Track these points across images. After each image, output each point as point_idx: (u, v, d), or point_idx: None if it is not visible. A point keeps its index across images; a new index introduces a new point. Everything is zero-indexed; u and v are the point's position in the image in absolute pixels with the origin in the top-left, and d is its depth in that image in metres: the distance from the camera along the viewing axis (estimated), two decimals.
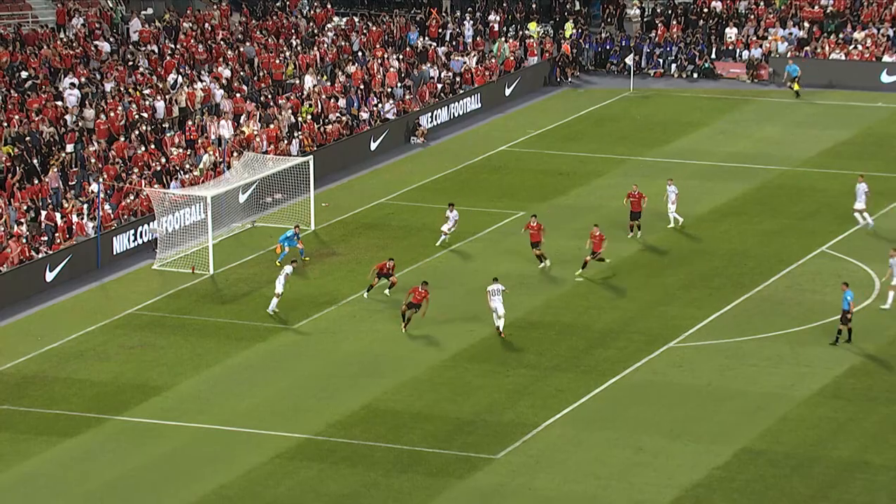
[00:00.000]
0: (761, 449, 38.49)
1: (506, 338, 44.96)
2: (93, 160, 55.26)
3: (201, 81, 62.59)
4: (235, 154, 57.21)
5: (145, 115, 59.10)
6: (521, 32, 76.09)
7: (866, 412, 40.56)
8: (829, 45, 73.59)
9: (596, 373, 43.07)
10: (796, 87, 70.21)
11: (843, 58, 72.79)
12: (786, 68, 70.91)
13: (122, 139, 57.03)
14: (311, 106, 63.28)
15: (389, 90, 66.73)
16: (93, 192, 52.63)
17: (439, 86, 68.57)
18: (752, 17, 76.25)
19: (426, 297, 45.50)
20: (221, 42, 67.05)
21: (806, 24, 75.03)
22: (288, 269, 47.26)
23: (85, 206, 52.54)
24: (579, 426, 40.03)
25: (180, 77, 62.34)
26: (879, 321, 45.64)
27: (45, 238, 50.90)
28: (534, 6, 78.39)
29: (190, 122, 59.67)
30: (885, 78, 71.44)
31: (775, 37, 74.68)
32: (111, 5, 68.21)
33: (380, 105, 65.26)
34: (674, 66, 75.04)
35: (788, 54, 73.81)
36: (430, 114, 66.51)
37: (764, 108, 69.30)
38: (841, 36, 74.27)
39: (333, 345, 45.37)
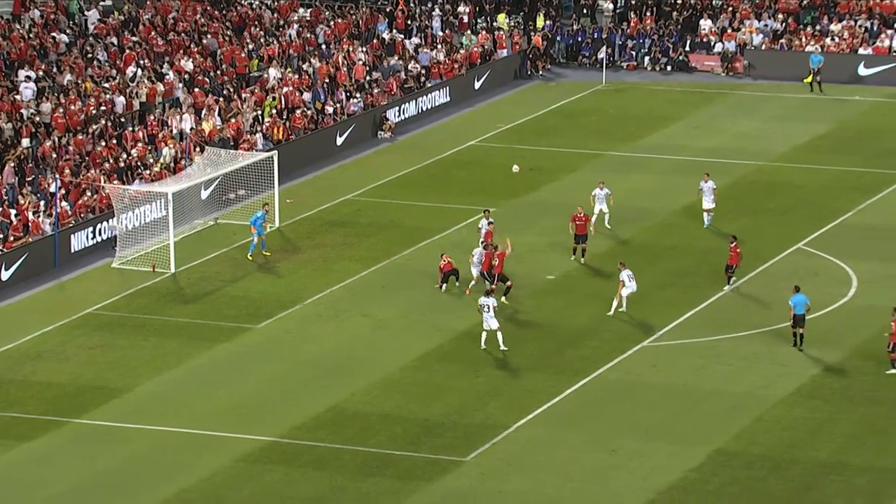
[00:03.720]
0: (737, 450, 38.09)
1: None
2: (53, 155, 54.35)
3: (164, 76, 61.66)
4: (198, 149, 56.42)
5: (104, 108, 58.21)
6: (491, 24, 75.37)
7: (844, 412, 40.18)
8: (805, 38, 73.01)
9: (568, 373, 42.53)
10: (808, 79, 68.96)
11: (820, 50, 72.17)
12: (810, 58, 69.59)
13: (81, 134, 56.13)
14: (274, 100, 62.43)
15: (356, 84, 65.93)
16: (50, 187, 51.75)
17: (403, 78, 67.75)
18: (727, 8, 75.60)
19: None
20: (183, 34, 66.10)
21: (781, 16, 74.46)
22: (491, 301, 43.65)
23: (41, 202, 51.62)
24: (551, 427, 39.52)
25: (140, 70, 61.44)
26: (856, 320, 45.18)
27: (0, 236, 49.91)
28: None
29: (151, 117, 58.80)
30: (863, 71, 70.95)
31: (750, 28, 74.10)
32: None
33: (349, 99, 64.41)
34: (647, 58, 74.37)
35: (764, 46, 73.30)
36: (397, 108, 65.67)
37: (739, 102, 68.86)
38: (817, 28, 73.69)
39: (299, 345, 44.80)
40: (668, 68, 73.94)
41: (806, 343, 43.55)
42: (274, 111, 61.76)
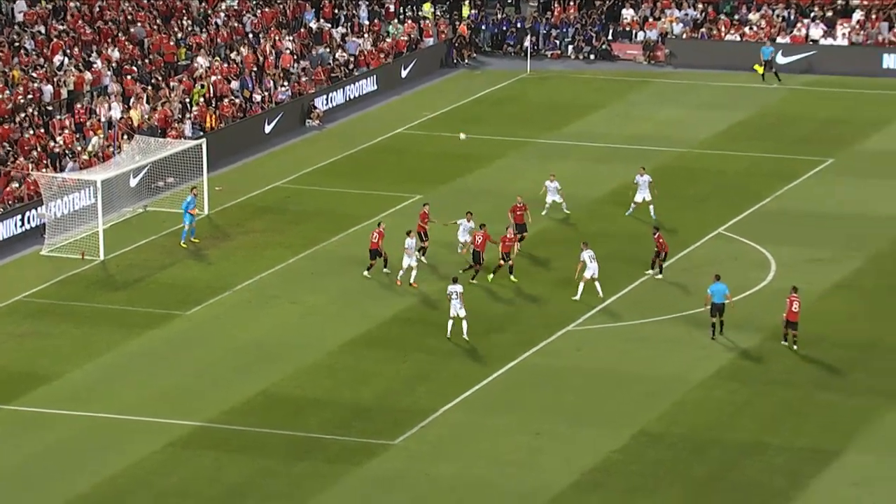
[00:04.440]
0: (659, 432, 38.63)
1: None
2: None
3: (91, 65, 61.49)
4: (126, 137, 56.40)
5: (31, 97, 58.00)
6: (417, 13, 75.71)
7: (763, 394, 40.80)
8: (725, 27, 73.98)
9: (494, 357, 42.96)
10: (759, 69, 69.71)
11: (739, 39, 73.17)
12: (761, 50, 70.39)
13: (8, 122, 55.87)
14: (202, 88, 62.48)
15: (284, 72, 66.06)
16: None
17: (330, 66, 67.94)
18: None
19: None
20: (110, 23, 65.96)
21: (700, 5, 75.37)
22: (458, 288, 43.43)
23: None
24: (477, 411, 39.94)
25: (67, 59, 61.24)
26: (774, 304, 45.72)
27: None
28: None
29: (79, 105, 58.67)
30: (780, 59, 71.91)
31: (670, 18, 74.94)
32: None
33: (277, 87, 64.55)
34: (570, 47, 75.03)
35: (684, 35, 74.21)
36: (325, 96, 65.92)
37: (661, 90, 69.58)
38: (736, 17, 74.69)
39: (229, 331, 44.91)
40: (592, 57, 74.64)
41: (725, 326, 44.18)
42: (202, 99, 61.82)
